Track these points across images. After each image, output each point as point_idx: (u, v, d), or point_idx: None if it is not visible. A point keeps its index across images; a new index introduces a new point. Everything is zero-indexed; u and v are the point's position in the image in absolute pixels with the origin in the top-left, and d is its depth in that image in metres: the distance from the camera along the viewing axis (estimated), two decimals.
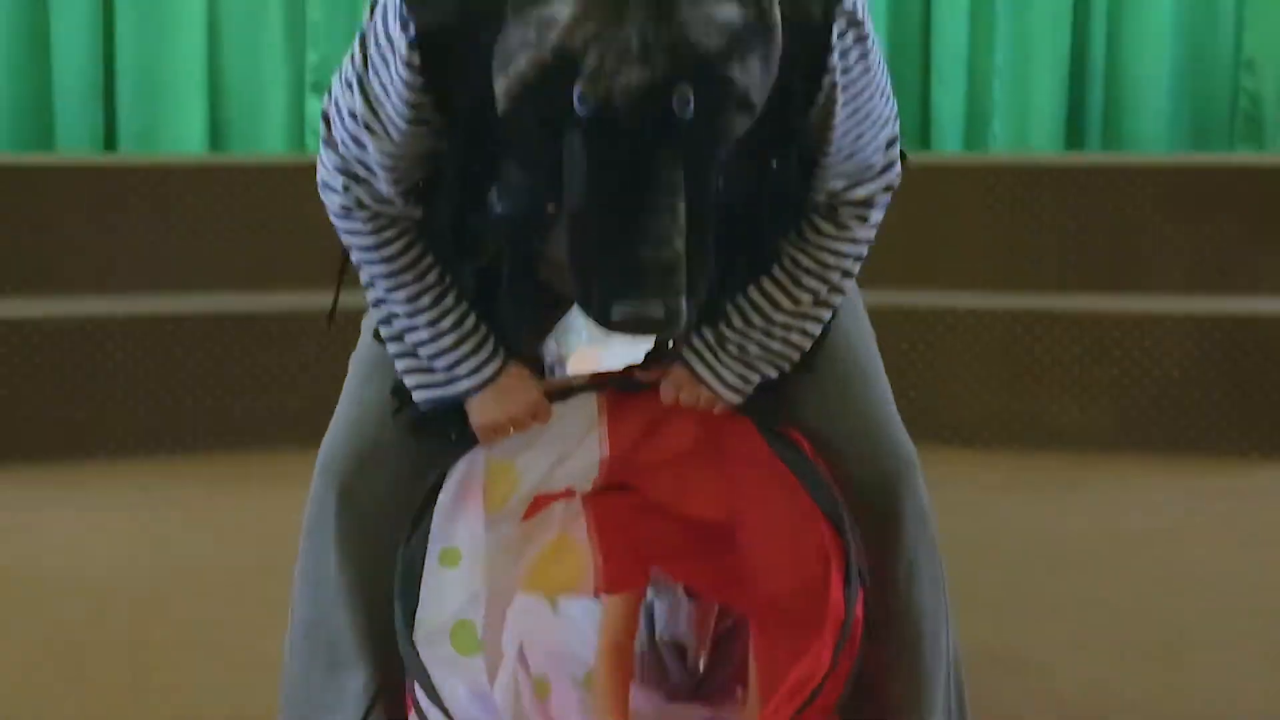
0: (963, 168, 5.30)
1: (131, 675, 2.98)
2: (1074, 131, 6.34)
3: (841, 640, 1.95)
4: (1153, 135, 6.25)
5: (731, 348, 2.12)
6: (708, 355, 2.13)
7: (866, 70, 1.95)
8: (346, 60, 1.98)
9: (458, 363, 2.12)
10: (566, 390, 2.20)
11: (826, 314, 2.15)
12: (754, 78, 1.69)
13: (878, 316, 2.53)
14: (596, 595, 2.39)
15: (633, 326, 1.71)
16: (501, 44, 1.69)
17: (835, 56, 1.89)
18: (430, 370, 2.15)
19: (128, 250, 5.13)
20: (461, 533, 2.07)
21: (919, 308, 4.90)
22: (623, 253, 1.67)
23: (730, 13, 1.66)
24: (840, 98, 1.93)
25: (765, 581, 2.20)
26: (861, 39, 1.92)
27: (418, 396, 2.17)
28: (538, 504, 2.27)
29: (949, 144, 6.29)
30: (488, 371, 2.12)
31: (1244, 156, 6.00)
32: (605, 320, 1.71)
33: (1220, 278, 5.19)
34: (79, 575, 3.56)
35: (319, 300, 2.30)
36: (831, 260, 2.10)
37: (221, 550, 3.76)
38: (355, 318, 2.37)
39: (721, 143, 1.70)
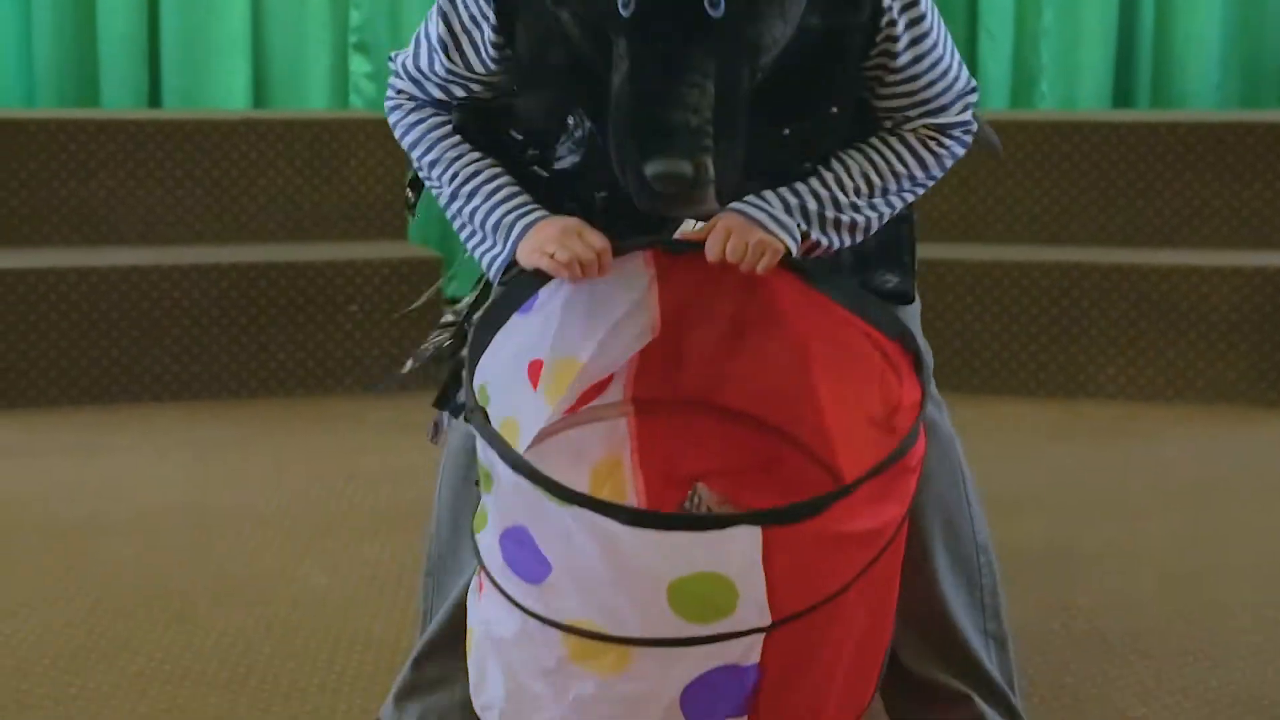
0: (1011, 123, 5.27)
1: (178, 616, 2.99)
2: (1122, 91, 6.28)
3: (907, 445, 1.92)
4: (1201, 93, 6.19)
5: (788, 196, 2.12)
6: (759, 200, 2.12)
7: (922, 19, 2.07)
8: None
9: (509, 212, 2.15)
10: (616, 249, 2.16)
11: (874, 213, 2.15)
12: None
13: (927, 269, 2.54)
14: None
15: (664, 182, 1.87)
16: None
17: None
18: (486, 234, 2.18)
19: (172, 203, 5.17)
20: (524, 408, 2.11)
21: (964, 260, 4.89)
22: (657, 116, 1.86)
23: None
24: (902, 38, 2.06)
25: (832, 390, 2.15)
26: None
27: (486, 265, 2.21)
28: (585, 397, 2.23)
29: (996, 103, 6.25)
30: (538, 213, 2.15)
31: None
32: (641, 180, 1.88)
33: (1267, 233, 5.16)
34: (126, 518, 3.58)
35: (360, 251, 2.32)
36: (895, 164, 2.16)
37: (265, 493, 3.78)
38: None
39: (753, 41, 1.89)
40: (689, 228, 2.20)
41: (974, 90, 2.21)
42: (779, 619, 1.82)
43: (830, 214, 2.12)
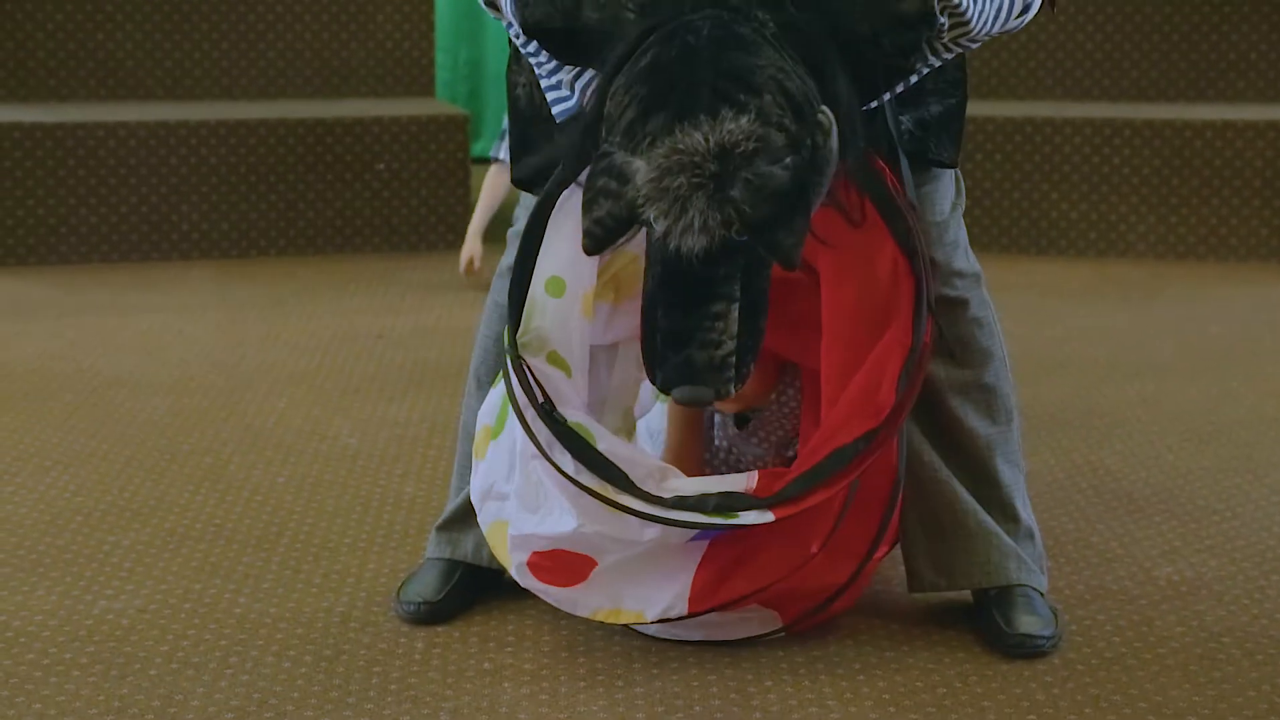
0: None
1: (212, 470, 3.02)
2: None
3: (909, 365, 2.14)
4: None
5: None
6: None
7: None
8: None
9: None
10: None
11: None
12: (809, 203, 1.91)
13: None
14: None
15: (689, 403, 2.03)
16: (587, 180, 1.95)
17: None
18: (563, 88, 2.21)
19: (198, 57, 5.15)
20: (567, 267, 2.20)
21: (996, 117, 4.84)
22: (680, 352, 1.97)
23: (782, 179, 1.87)
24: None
25: (834, 296, 2.22)
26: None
27: (557, 112, 2.24)
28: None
29: None
30: None
31: None
32: (666, 392, 2.01)
33: None
34: (157, 375, 3.59)
35: (387, 108, 2.29)
36: None
37: (294, 352, 3.79)
38: None
39: (775, 245, 1.91)
40: None
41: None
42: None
43: None
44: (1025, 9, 2.09)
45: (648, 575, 2.20)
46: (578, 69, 2.11)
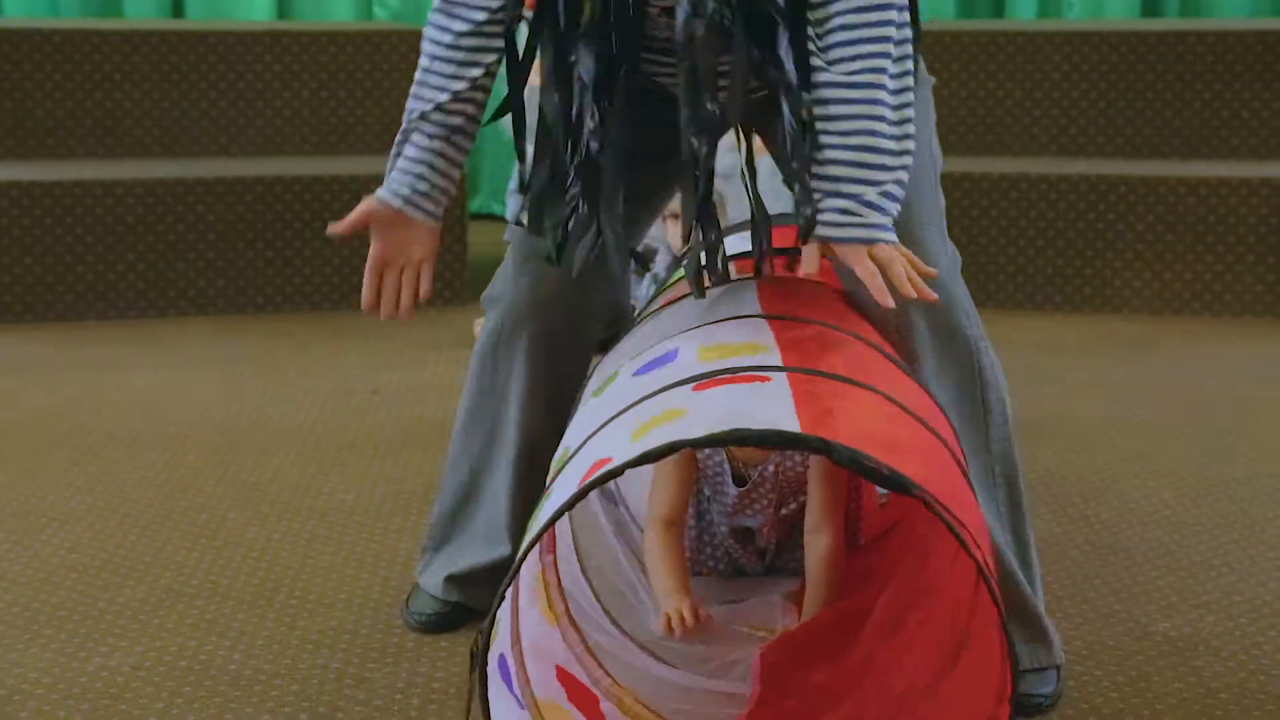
0: (1038, 34, 5.23)
1: (208, 526, 3.01)
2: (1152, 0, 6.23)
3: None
4: (1232, 2, 6.14)
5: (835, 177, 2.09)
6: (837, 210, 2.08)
7: None
8: None
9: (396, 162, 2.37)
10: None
11: (889, 90, 2.08)
12: None
13: (952, 182, 2.51)
14: None
15: None
16: None
17: None
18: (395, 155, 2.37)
19: (196, 115, 5.18)
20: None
21: (991, 174, 4.86)
22: None
23: None
24: None
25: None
26: None
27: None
28: None
29: (1025, 13, 6.20)
30: (400, 188, 2.37)
31: None
32: None
33: None
34: (152, 433, 3.59)
35: (384, 165, 2.29)
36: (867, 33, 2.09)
37: (290, 408, 3.79)
38: None
39: None
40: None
41: None
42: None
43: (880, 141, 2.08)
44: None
45: None
46: None
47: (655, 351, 2.06)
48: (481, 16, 2.25)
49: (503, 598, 1.78)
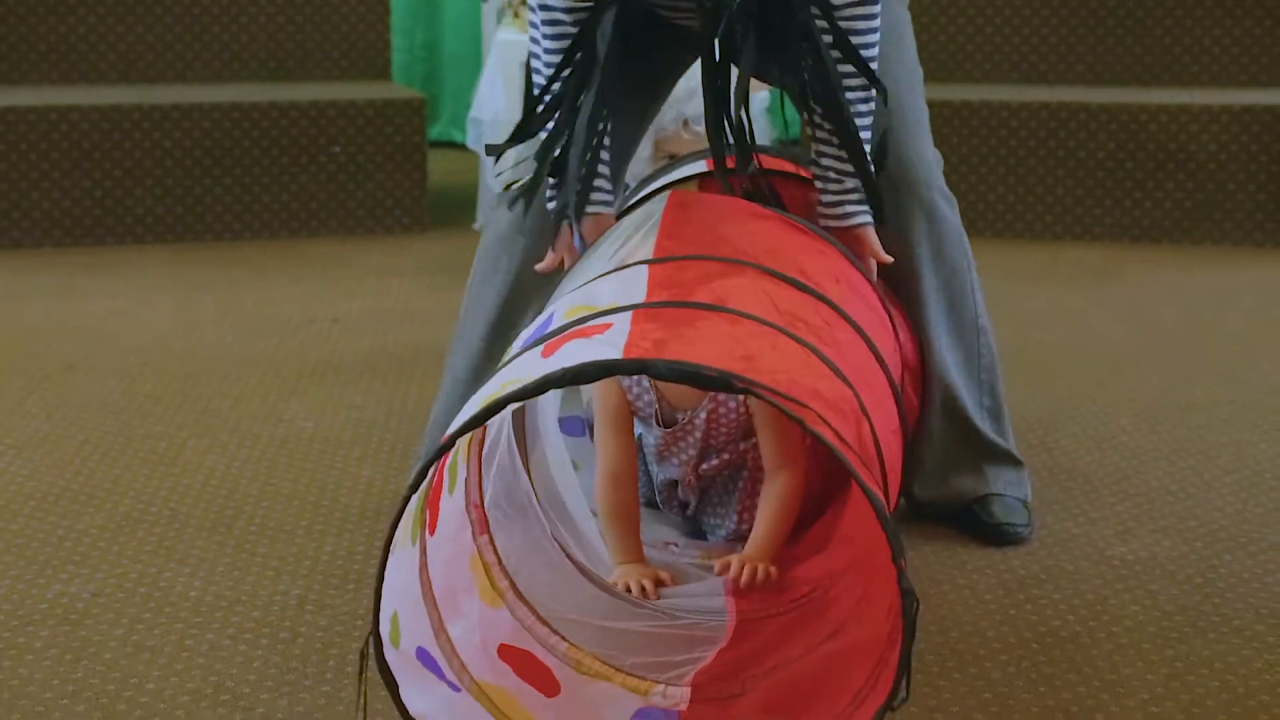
0: None
1: (167, 454, 3.00)
2: None
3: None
4: None
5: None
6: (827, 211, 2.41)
7: None
8: None
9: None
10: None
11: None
12: None
13: None
14: None
15: None
16: None
17: None
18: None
19: (152, 40, 5.13)
20: None
21: (953, 101, 4.85)
22: None
23: None
24: None
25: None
26: None
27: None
28: None
29: None
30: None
31: None
32: None
33: (1256, 71, 5.13)
34: (111, 359, 3.57)
35: (343, 91, 2.29)
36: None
37: (249, 336, 3.78)
38: None
39: None
40: None
41: None
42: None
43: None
44: None
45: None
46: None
47: (542, 315, 2.06)
48: None
49: (385, 560, 1.76)
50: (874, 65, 2.35)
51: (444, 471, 2.01)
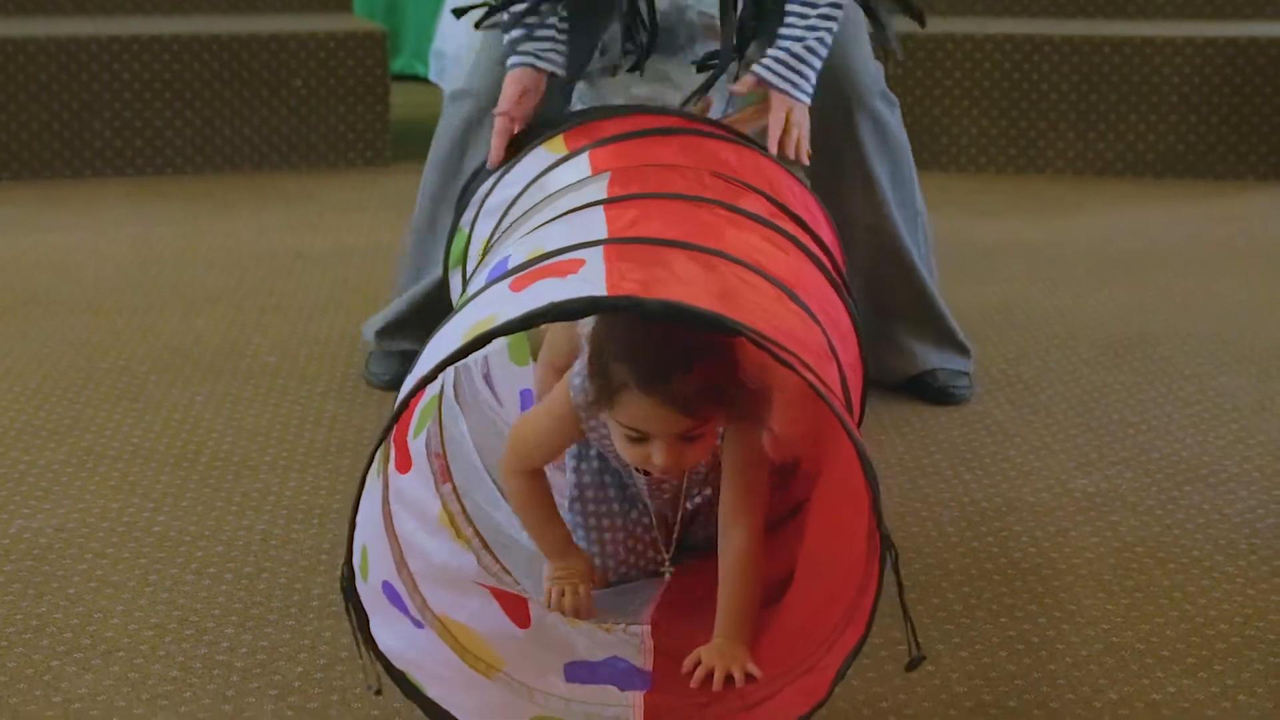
0: None
1: (129, 389, 2.99)
2: None
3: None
4: None
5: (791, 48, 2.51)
6: (778, 67, 2.50)
7: None
8: None
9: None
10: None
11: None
12: None
13: (874, 43, 2.71)
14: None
15: None
16: None
17: None
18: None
19: None
20: None
21: (916, 33, 4.83)
22: None
23: None
24: None
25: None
26: None
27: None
28: None
29: None
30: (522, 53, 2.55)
31: None
32: None
33: (1220, 3, 5.13)
34: (71, 294, 3.55)
35: (304, 23, 2.29)
36: None
37: (211, 270, 3.76)
38: None
39: None
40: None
41: None
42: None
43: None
44: None
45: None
46: None
47: (496, 257, 2.04)
48: None
49: (360, 493, 1.76)
50: None
51: (414, 410, 2.00)
